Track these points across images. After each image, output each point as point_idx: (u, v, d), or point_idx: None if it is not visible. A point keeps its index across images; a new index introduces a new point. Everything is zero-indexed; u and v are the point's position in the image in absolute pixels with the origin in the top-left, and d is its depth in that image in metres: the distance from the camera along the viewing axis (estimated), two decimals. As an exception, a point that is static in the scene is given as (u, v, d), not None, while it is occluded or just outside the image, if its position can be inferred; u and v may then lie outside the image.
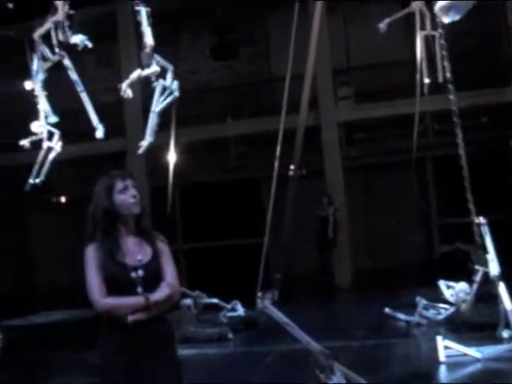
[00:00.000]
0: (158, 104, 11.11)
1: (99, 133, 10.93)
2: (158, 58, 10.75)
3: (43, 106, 11.42)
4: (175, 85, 11.20)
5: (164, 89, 11.10)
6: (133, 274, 4.27)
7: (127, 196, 4.39)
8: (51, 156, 11.90)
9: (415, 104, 12.85)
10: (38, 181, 12.08)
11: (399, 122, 17.65)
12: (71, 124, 12.74)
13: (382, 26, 13.14)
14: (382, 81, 18.53)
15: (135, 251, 4.37)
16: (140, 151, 11.57)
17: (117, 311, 4.18)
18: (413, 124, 13.22)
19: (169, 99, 11.28)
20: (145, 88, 12.49)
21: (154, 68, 10.69)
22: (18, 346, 13.27)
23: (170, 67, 11.15)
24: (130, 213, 4.40)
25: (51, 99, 11.68)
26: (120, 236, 4.40)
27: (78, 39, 10.43)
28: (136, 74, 10.72)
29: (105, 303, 4.19)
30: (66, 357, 11.35)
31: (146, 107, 12.68)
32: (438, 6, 8.32)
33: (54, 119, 11.49)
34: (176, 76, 11.29)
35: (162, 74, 10.96)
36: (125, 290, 4.22)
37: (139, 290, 4.24)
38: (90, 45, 10.51)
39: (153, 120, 11.16)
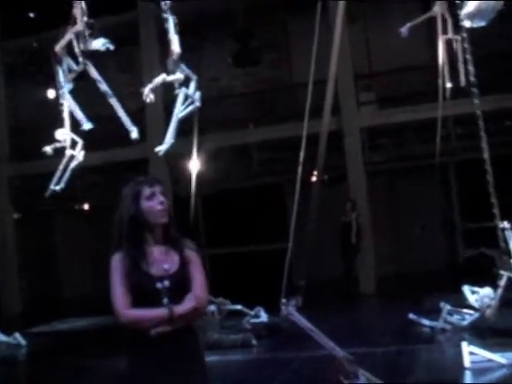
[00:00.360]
0: (179, 112, 11.14)
1: (134, 134, 10.98)
2: (183, 66, 10.78)
3: (77, 114, 11.47)
4: (197, 95, 11.21)
5: (186, 97, 11.12)
6: (158, 285, 4.08)
7: (154, 203, 4.19)
8: (73, 164, 11.97)
9: (438, 108, 12.82)
10: (58, 188, 12.13)
11: (422, 126, 17.60)
12: (94, 131, 12.79)
13: (404, 30, 13.13)
14: (404, 85, 18.46)
15: (162, 260, 4.17)
16: (160, 153, 11.59)
17: (140, 323, 4.03)
18: (435, 128, 13.19)
19: (190, 108, 11.30)
20: (167, 95, 12.54)
21: (179, 75, 10.72)
22: (43, 352, 13.38)
23: (194, 77, 11.17)
24: (157, 221, 4.19)
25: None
26: (146, 244, 4.20)
27: (99, 43, 10.49)
28: (160, 78, 10.75)
29: (128, 315, 4.02)
30: (91, 363, 11.40)
31: (167, 114, 12.73)
32: (464, 12, 8.30)
33: (88, 126, 11.51)
34: (198, 83, 11.32)
35: (185, 83, 10.98)
36: (150, 301, 4.04)
37: (165, 301, 4.05)
38: (111, 47, 10.56)
39: (174, 125, 11.18)
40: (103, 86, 10.90)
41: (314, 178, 8.38)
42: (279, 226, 19.55)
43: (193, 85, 11.13)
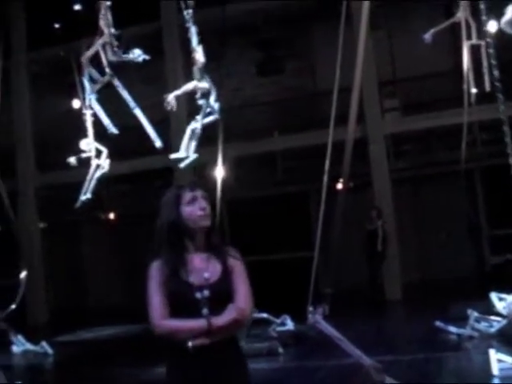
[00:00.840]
0: (199, 121, 11.20)
1: (158, 143, 11.04)
2: (206, 76, 10.85)
3: (104, 119, 11.53)
4: (217, 106, 11.26)
5: (206, 108, 11.17)
6: (198, 295, 3.84)
7: (195, 208, 3.98)
8: (98, 173, 12.05)
9: (463, 114, 12.77)
10: (85, 198, 12.20)
11: (447, 132, 17.53)
12: (119, 141, 12.88)
13: (427, 36, 13.11)
14: (428, 92, 18.40)
15: (202, 269, 3.93)
16: (181, 166, 11.63)
17: (176, 335, 3.78)
18: (460, 134, 13.14)
19: (209, 119, 11.35)
20: (190, 105, 12.59)
21: (205, 83, 10.79)
22: (70, 361, 13.45)
23: (214, 88, 11.22)
24: (198, 226, 3.98)
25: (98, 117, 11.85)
26: (187, 252, 3.97)
27: (135, 54, 10.55)
28: (191, 85, 10.82)
29: (163, 326, 3.78)
30: (117, 372, 11.45)
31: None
32: (504, 19, 8.26)
33: (114, 130, 11.56)
34: (222, 92, 11.36)
35: (205, 94, 11.03)
36: (188, 311, 3.80)
37: (204, 311, 3.80)
38: (147, 57, 10.63)
39: (191, 136, 11.22)
40: (127, 97, 10.97)
41: (339, 186, 8.36)
42: (304, 234, 19.54)
43: (213, 96, 11.18)
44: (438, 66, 18.28)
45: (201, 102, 10.98)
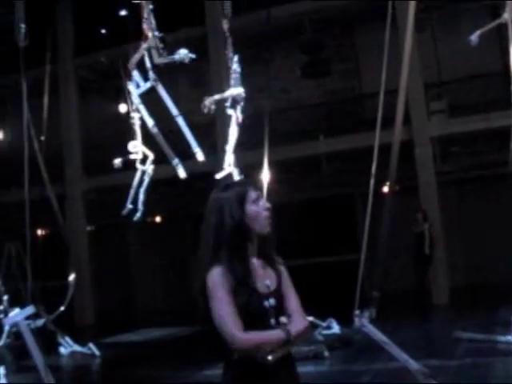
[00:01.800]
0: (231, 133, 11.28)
1: (199, 156, 11.09)
2: (240, 85, 10.92)
3: (148, 123, 11.61)
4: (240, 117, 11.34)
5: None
6: (266, 303, 3.57)
7: (260, 208, 3.65)
8: (146, 180, 12.12)
9: (510, 116, 12.59)
10: (131, 207, 12.28)
11: (494, 135, 17.32)
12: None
13: (474, 38, 12.97)
14: (475, 93, 18.22)
15: (263, 276, 3.66)
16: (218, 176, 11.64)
17: (257, 348, 3.45)
18: (508, 136, 12.95)
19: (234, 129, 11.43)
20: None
21: (238, 89, 10.85)
22: (117, 362, 13.58)
23: (243, 98, 11.25)
24: (262, 229, 3.66)
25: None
26: (248, 257, 3.65)
27: (181, 54, 10.61)
28: (228, 92, 10.88)
29: (245, 339, 3.44)
30: (163, 374, 11.53)
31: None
32: None
33: (155, 130, 11.63)
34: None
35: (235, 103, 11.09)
36: (258, 322, 3.51)
37: (272, 321, 3.54)
38: (193, 56, 10.68)
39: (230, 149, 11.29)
40: (170, 104, 11.03)
41: (385, 189, 8.33)
42: (350, 237, 19.48)
43: (241, 104, 11.21)
44: (484, 68, 18.07)
45: (230, 111, 11.04)
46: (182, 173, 11.20)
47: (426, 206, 17.16)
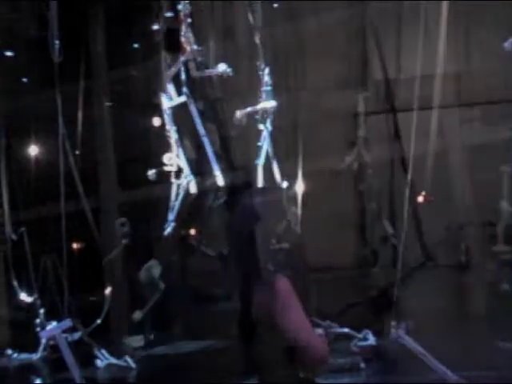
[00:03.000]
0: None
1: (220, 180, 11.15)
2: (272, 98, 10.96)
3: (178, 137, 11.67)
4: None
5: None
6: None
7: None
8: (181, 194, 12.16)
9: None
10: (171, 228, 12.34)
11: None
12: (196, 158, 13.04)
13: (508, 44, 12.85)
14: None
15: None
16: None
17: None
18: None
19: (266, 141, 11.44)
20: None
21: (271, 103, 10.89)
22: (152, 375, 13.61)
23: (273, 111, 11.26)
24: None
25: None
26: None
27: (221, 69, 10.67)
28: (260, 106, 10.92)
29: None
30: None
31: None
32: None
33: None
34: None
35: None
36: None
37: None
38: (231, 73, 10.73)
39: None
40: (198, 122, 11.09)
41: (420, 199, 8.32)
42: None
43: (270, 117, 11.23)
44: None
45: (260, 125, 11.08)
46: (193, 188, 11.28)
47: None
